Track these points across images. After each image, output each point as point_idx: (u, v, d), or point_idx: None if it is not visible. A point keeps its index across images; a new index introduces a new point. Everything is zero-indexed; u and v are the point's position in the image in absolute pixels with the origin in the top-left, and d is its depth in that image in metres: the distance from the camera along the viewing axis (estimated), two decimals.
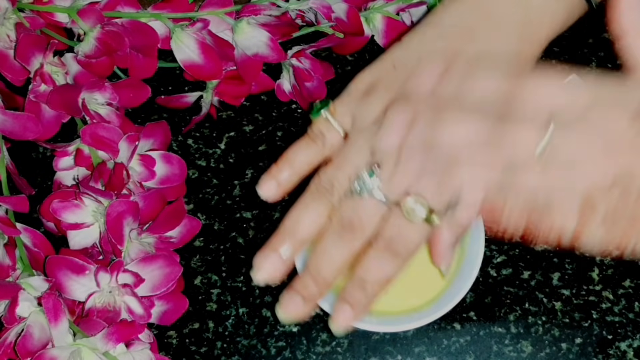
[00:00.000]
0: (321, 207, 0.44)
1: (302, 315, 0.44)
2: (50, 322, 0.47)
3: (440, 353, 0.54)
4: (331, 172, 0.44)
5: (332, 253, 0.43)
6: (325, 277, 0.44)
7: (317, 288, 0.44)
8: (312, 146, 0.45)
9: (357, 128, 0.44)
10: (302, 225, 0.44)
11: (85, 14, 0.55)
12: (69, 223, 0.52)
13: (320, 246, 0.44)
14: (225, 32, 0.57)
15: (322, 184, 0.44)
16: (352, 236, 0.43)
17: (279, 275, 0.44)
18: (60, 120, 0.56)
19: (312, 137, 0.45)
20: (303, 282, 0.44)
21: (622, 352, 0.53)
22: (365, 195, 0.42)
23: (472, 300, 0.55)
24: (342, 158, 0.44)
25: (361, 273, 0.43)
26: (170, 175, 0.55)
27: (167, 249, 0.53)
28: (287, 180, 0.45)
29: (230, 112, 0.61)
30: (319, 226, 0.44)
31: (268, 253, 0.44)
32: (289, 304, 0.44)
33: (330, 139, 0.45)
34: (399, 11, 0.59)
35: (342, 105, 0.45)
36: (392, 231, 0.42)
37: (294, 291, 0.44)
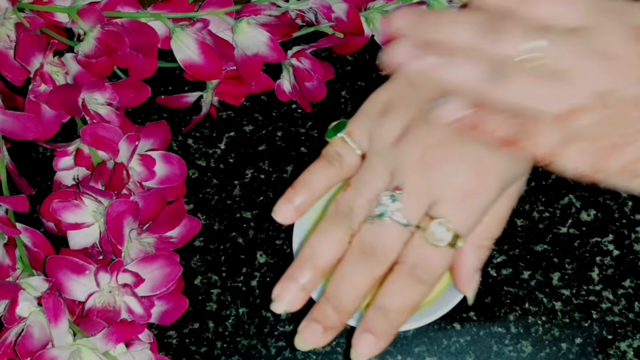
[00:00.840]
0: (341, 233, 0.42)
1: (321, 344, 0.43)
2: (50, 322, 0.47)
3: (440, 353, 0.54)
4: (350, 196, 0.42)
5: (353, 280, 0.41)
6: (346, 306, 0.42)
7: (338, 317, 0.42)
8: (329, 168, 0.44)
9: (375, 150, 0.42)
10: (322, 252, 0.42)
11: (85, 14, 0.55)
12: (69, 223, 0.52)
13: (340, 273, 0.42)
14: (225, 32, 0.57)
15: (341, 209, 0.42)
16: (373, 262, 0.41)
17: (300, 305, 0.43)
18: (60, 120, 0.56)
19: (328, 158, 0.44)
20: (323, 311, 0.42)
21: (622, 352, 0.53)
22: (387, 219, 0.40)
23: (473, 299, 0.55)
24: (361, 181, 0.42)
25: (384, 301, 0.42)
26: (170, 175, 0.55)
27: (167, 249, 0.53)
28: (304, 204, 0.44)
29: (230, 112, 0.61)
30: (339, 253, 0.42)
31: (288, 284, 0.42)
32: (309, 334, 0.42)
33: (348, 160, 0.43)
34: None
35: (358, 125, 0.44)
36: (416, 257, 0.41)
37: (313, 321, 0.42)
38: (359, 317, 0.51)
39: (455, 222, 0.40)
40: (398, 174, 0.41)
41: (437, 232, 0.40)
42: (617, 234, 0.56)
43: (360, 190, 0.42)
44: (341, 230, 0.42)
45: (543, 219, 0.57)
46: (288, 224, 0.45)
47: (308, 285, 0.42)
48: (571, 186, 0.57)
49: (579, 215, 0.57)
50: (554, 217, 0.57)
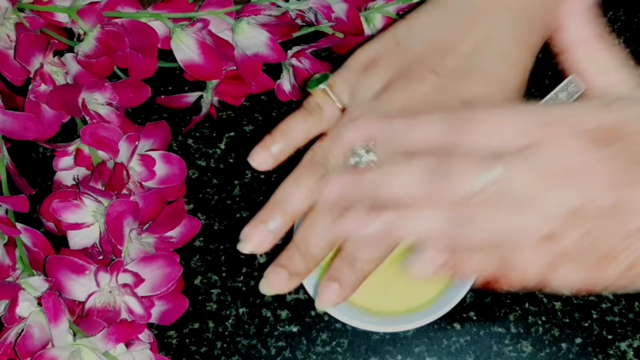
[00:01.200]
0: (314, 181, 0.42)
1: (286, 290, 0.43)
2: (50, 322, 0.47)
3: (440, 353, 0.54)
4: (326, 145, 0.42)
5: (321, 228, 0.42)
6: (313, 253, 0.42)
7: (305, 264, 0.42)
8: (309, 118, 0.44)
9: (356, 102, 0.43)
10: (293, 199, 0.42)
11: (85, 14, 0.55)
12: (69, 223, 0.52)
13: (309, 220, 0.42)
14: (225, 32, 0.57)
15: (316, 158, 0.43)
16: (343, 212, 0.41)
17: (266, 247, 0.43)
18: (60, 120, 0.56)
19: (308, 109, 0.44)
20: (290, 257, 0.43)
21: (622, 352, 0.53)
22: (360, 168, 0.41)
23: (472, 300, 0.55)
24: (339, 132, 0.42)
25: (351, 250, 0.42)
26: (170, 175, 0.55)
27: (167, 249, 0.53)
28: (281, 152, 0.44)
29: (230, 112, 0.61)
30: (310, 201, 0.42)
31: (256, 225, 0.43)
32: (274, 278, 0.43)
33: (328, 112, 0.44)
34: (399, 11, 0.59)
35: (340, 79, 0.44)
36: None
37: (280, 266, 0.43)
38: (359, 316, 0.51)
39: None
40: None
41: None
42: None
43: (337, 140, 0.42)
44: (314, 178, 0.42)
45: None
46: (263, 169, 0.45)
47: (276, 230, 0.43)
48: None
49: None
50: None
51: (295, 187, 0.43)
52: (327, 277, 0.42)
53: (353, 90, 0.44)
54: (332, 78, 0.44)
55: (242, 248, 0.43)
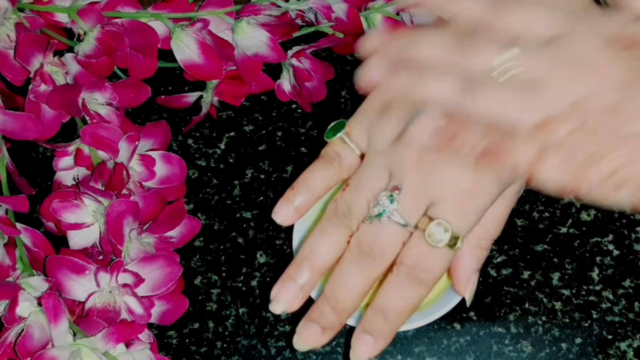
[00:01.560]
0: (339, 233, 0.42)
1: (320, 344, 0.43)
2: (50, 322, 0.47)
3: (440, 353, 0.54)
4: (348, 196, 0.42)
5: (350, 280, 0.41)
6: (344, 306, 0.42)
7: (336, 317, 0.42)
8: (329, 168, 0.44)
9: (374, 149, 0.42)
10: (321, 252, 0.42)
11: (85, 14, 0.55)
12: (69, 223, 0.52)
13: (338, 273, 0.42)
14: (225, 32, 0.57)
15: (339, 209, 0.42)
16: (371, 263, 0.41)
17: (297, 305, 0.42)
18: (60, 120, 0.56)
19: (327, 159, 0.44)
20: (321, 311, 0.42)
21: (622, 352, 0.53)
22: (384, 219, 0.40)
23: (472, 300, 0.55)
24: (359, 181, 0.42)
25: (382, 302, 0.42)
26: (170, 175, 0.55)
27: (167, 249, 0.53)
28: (303, 204, 0.44)
29: (230, 112, 0.61)
30: (338, 253, 0.42)
31: (286, 284, 0.42)
32: (307, 334, 0.42)
33: (347, 160, 0.43)
34: (399, 11, 0.59)
35: (357, 125, 0.43)
36: (414, 257, 0.40)
37: (312, 321, 0.42)
38: (359, 316, 0.51)
39: (454, 223, 0.40)
40: (396, 174, 0.41)
41: (435, 233, 0.39)
42: (617, 234, 0.56)
43: (359, 190, 0.42)
44: (339, 230, 0.42)
45: (543, 219, 0.57)
46: (288, 224, 0.45)
47: (306, 286, 0.42)
48: None
49: (579, 215, 0.57)
50: (554, 217, 0.57)
51: (321, 240, 0.42)
52: (361, 330, 0.42)
53: (370, 136, 0.43)
54: (349, 125, 0.44)
55: (273, 309, 0.43)
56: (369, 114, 0.43)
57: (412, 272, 0.40)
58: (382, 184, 0.41)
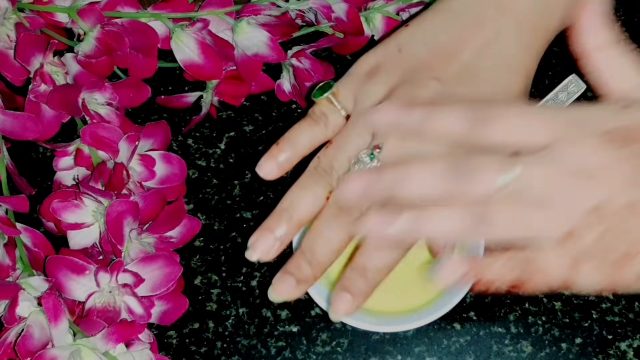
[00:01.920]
0: (319, 188, 0.43)
1: (294, 296, 0.43)
2: (50, 322, 0.47)
3: (440, 353, 0.54)
4: (331, 153, 0.43)
5: (328, 235, 0.42)
6: (320, 260, 0.42)
7: (312, 271, 0.43)
8: (314, 127, 0.45)
9: (359, 110, 0.43)
10: (300, 206, 0.43)
11: (85, 14, 0.55)
12: (69, 223, 0.52)
13: (315, 227, 0.43)
14: (225, 32, 0.57)
15: (321, 165, 0.43)
16: (349, 219, 0.41)
17: (273, 255, 0.43)
18: (60, 120, 0.56)
19: (314, 118, 0.45)
20: (297, 264, 0.43)
21: (622, 352, 0.53)
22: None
23: (472, 300, 0.55)
24: (343, 139, 0.43)
25: (361, 260, 0.42)
26: (170, 175, 0.56)
27: (167, 249, 0.53)
28: (287, 161, 0.45)
29: (230, 112, 0.61)
30: (316, 208, 0.43)
31: (263, 233, 0.43)
32: (282, 285, 0.43)
33: (333, 120, 0.44)
34: (399, 11, 0.59)
35: (344, 86, 0.44)
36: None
37: (287, 273, 0.43)
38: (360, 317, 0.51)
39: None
40: (380, 134, 0.41)
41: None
42: None
43: (341, 147, 0.43)
44: (320, 186, 0.43)
45: None
46: (271, 179, 0.45)
47: (283, 237, 0.43)
48: None
49: None
50: None
51: (301, 194, 0.43)
52: (339, 287, 0.43)
53: (356, 97, 0.44)
54: (336, 86, 0.44)
55: (249, 256, 0.43)
56: (357, 77, 0.44)
57: None
58: (364, 143, 0.42)
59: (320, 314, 0.55)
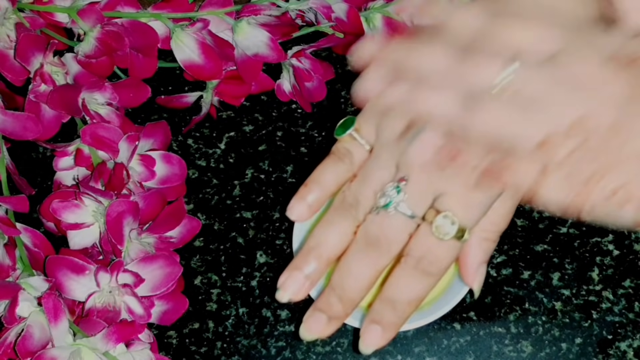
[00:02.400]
0: (346, 223, 0.42)
1: (326, 334, 0.43)
2: (50, 322, 0.47)
3: (440, 353, 0.54)
4: (356, 187, 0.42)
5: (357, 271, 0.42)
6: (350, 296, 0.42)
7: (342, 307, 0.42)
8: (340, 165, 0.44)
9: (382, 142, 0.43)
10: (327, 243, 0.42)
11: (85, 14, 0.55)
12: (69, 223, 0.52)
13: (344, 263, 0.42)
14: (225, 32, 0.57)
15: (347, 200, 0.42)
16: (377, 253, 0.41)
17: (304, 294, 0.43)
18: (60, 120, 0.56)
19: (338, 155, 0.44)
20: (327, 301, 0.43)
21: (622, 352, 0.53)
22: (391, 210, 0.41)
23: (472, 300, 0.55)
24: (367, 173, 0.42)
25: (390, 292, 0.42)
26: (170, 175, 0.55)
27: (167, 249, 0.53)
28: (317, 201, 0.44)
29: (230, 112, 0.61)
30: (344, 244, 0.42)
31: (292, 272, 0.43)
32: (314, 323, 0.43)
33: (357, 156, 0.44)
34: (399, 11, 0.59)
35: (365, 120, 0.44)
36: (421, 249, 0.41)
37: (318, 310, 0.43)
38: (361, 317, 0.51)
39: (461, 215, 0.40)
40: (403, 166, 0.41)
41: (442, 226, 0.40)
42: (617, 234, 0.56)
43: (366, 181, 0.42)
44: (346, 221, 0.42)
45: (543, 219, 0.57)
46: (303, 221, 0.45)
47: (312, 275, 0.43)
48: None
49: None
50: (554, 217, 0.57)
51: (328, 231, 0.43)
52: (369, 320, 0.42)
53: (378, 130, 0.43)
54: (358, 121, 0.44)
55: (280, 297, 0.43)
56: (377, 110, 0.44)
57: (419, 264, 0.41)
58: (389, 176, 0.41)
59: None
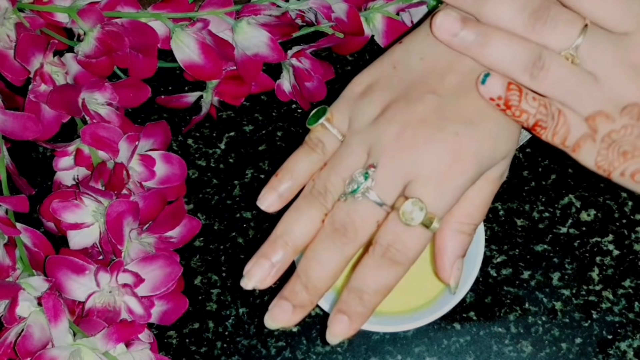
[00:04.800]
0: (315, 211, 0.42)
1: (292, 323, 0.42)
2: (50, 322, 0.47)
3: (440, 353, 0.54)
4: (325, 174, 0.42)
5: (323, 258, 0.41)
6: (316, 285, 0.41)
7: (308, 296, 0.42)
8: (312, 154, 0.44)
9: (353, 129, 0.43)
10: (295, 231, 0.42)
11: (85, 14, 0.55)
12: (69, 223, 0.52)
13: (311, 251, 0.42)
14: (225, 32, 0.57)
15: (315, 188, 0.42)
16: (345, 241, 0.41)
17: (270, 282, 0.42)
18: (60, 120, 0.56)
19: (310, 145, 0.44)
20: (293, 289, 0.42)
21: (622, 352, 0.53)
22: (359, 196, 0.40)
23: (472, 300, 0.55)
24: (337, 160, 0.42)
25: (358, 282, 0.41)
26: (170, 175, 0.56)
27: (167, 249, 0.53)
28: (288, 191, 0.44)
29: (230, 112, 0.61)
30: (312, 232, 0.42)
31: (259, 260, 0.42)
32: (278, 311, 0.42)
33: (329, 145, 0.44)
34: (399, 11, 0.59)
35: (338, 110, 0.44)
36: (389, 237, 0.40)
37: (283, 299, 0.42)
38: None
39: (429, 201, 0.40)
40: (374, 152, 0.41)
41: (409, 211, 0.39)
42: (617, 234, 0.56)
43: (335, 168, 0.42)
44: (314, 209, 0.42)
45: (543, 219, 0.57)
46: (273, 211, 0.45)
47: (279, 263, 0.42)
48: (571, 186, 0.57)
49: (579, 215, 0.57)
50: (554, 217, 0.57)
51: (295, 219, 0.42)
52: (337, 310, 0.42)
53: (351, 118, 0.43)
54: (330, 110, 0.44)
55: (244, 284, 0.43)
56: (350, 98, 0.44)
57: (387, 252, 0.40)
58: (359, 162, 0.41)
59: (320, 314, 0.55)
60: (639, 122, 0.40)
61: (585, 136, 0.41)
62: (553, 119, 0.41)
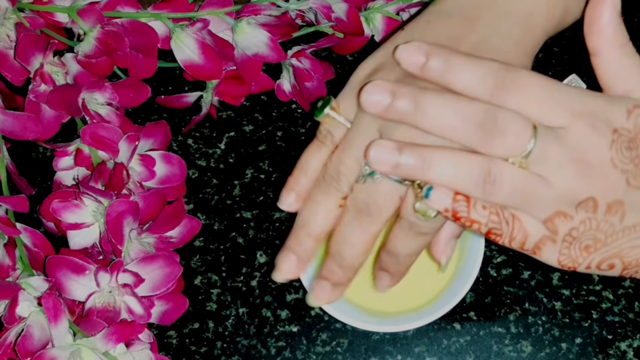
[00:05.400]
0: (330, 198, 0.43)
1: (332, 300, 0.44)
2: (50, 322, 0.47)
3: (440, 353, 0.54)
4: (336, 158, 0.42)
5: (352, 240, 0.42)
6: (350, 263, 0.43)
7: (344, 273, 0.43)
8: (322, 148, 0.44)
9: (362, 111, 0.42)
10: (314, 221, 0.43)
11: (85, 14, 0.55)
12: (69, 223, 0.52)
13: (339, 233, 0.43)
14: (225, 32, 0.57)
15: (328, 173, 0.43)
16: (370, 220, 0.42)
17: (299, 273, 0.44)
18: (60, 120, 0.56)
19: (320, 138, 0.44)
20: (330, 269, 0.44)
21: (622, 352, 0.53)
22: (379, 178, 0.40)
23: (472, 300, 0.55)
24: (348, 142, 0.42)
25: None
26: (170, 175, 0.56)
27: (167, 249, 0.53)
28: (305, 189, 0.44)
29: (230, 112, 0.61)
30: (331, 219, 0.43)
31: (286, 254, 0.44)
32: (320, 291, 0.44)
33: (338, 135, 0.43)
34: (399, 11, 0.59)
35: (344, 97, 0.44)
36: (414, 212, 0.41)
37: (323, 278, 0.44)
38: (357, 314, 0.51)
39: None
40: (386, 130, 0.41)
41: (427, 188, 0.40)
42: None
43: (347, 150, 0.42)
44: (329, 197, 0.43)
45: None
46: (295, 210, 0.45)
47: (305, 254, 0.44)
48: None
49: None
50: None
51: (312, 208, 0.43)
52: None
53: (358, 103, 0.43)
54: (336, 100, 0.44)
55: (276, 277, 0.44)
56: (357, 83, 0.44)
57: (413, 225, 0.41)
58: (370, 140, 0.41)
59: (321, 314, 0.55)
60: (595, 214, 0.39)
61: (544, 238, 0.40)
62: (508, 224, 0.40)
